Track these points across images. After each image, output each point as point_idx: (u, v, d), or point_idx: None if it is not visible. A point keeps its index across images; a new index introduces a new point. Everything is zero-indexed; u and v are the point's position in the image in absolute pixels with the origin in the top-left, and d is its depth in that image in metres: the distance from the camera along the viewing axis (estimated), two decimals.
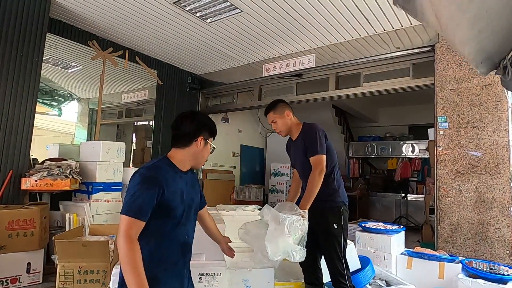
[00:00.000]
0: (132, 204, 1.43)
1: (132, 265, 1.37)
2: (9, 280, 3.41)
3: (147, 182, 1.47)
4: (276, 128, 2.59)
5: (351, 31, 4.84)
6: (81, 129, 7.63)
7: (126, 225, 1.42)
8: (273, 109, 2.59)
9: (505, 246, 3.70)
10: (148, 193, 1.45)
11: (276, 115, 2.58)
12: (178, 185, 1.58)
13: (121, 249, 1.39)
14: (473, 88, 4.04)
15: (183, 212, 1.59)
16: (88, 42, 5.11)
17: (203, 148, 1.67)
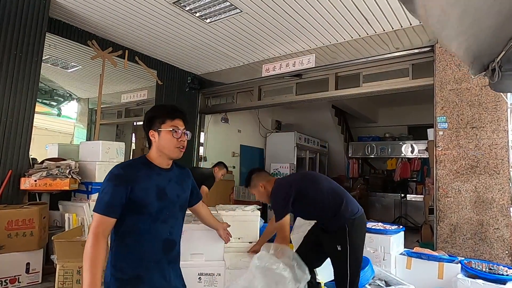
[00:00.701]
0: (100, 201, 1.49)
1: (90, 263, 1.41)
2: (8, 280, 3.41)
3: (114, 179, 1.51)
4: (258, 198, 2.79)
5: (350, 31, 4.84)
6: (80, 129, 7.63)
7: (95, 221, 1.47)
8: (249, 185, 2.76)
9: (504, 246, 3.71)
10: (115, 190, 1.49)
11: (252, 189, 2.74)
12: (153, 182, 1.57)
13: (86, 245, 1.44)
14: (472, 89, 4.05)
15: (161, 209, 1.57)
16: (87, 42, 5.10)
17: (160, 138, 1.61)
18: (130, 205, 1.50)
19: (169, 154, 1.63)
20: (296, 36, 5.09)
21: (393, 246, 3.91)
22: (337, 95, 5.59)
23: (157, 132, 1.61)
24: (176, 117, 1.66)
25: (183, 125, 1.68)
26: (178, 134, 1.62)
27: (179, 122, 1.65)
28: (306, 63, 5.57)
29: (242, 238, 3.60)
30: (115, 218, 1.50)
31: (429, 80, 4.51)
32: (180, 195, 1.68)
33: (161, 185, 1.59)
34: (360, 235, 2.45)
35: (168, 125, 1.61)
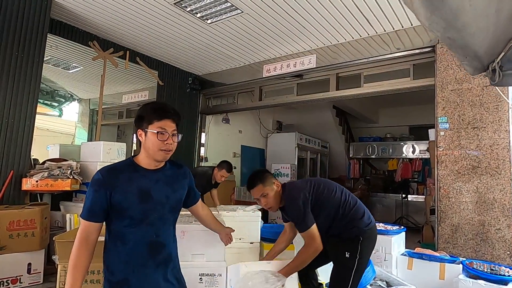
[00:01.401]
0: (84, 207, 1.51)
1: (72, 267, 1.44)
2: (9, 281, 3.41)
3: (94, 185, 1.51)
4: (267, 204, 2.25)
5: (351, 31, 4.84)
6: (81, 129, 7.63)
7: (80, 227, 1.50)
8: (263, 181, 2.24)
9: (506, 247, 3.70)
10: (95, 195, 1.49)
11: (267, 188, 2.23)
12: (135, 185, 1.52)
13: (72, 249, 1.47)
14: (473, 89, 4.04)
15: (145, 211, 1.53)
16: (89, 42, 5.12)
17: (146, 139, 1.55)
18: (112, 209, 1.50)
19: (154, 156, 1.56)
20: (297, 37, 5.09)
21: (394, 246, 3.91)
22: (338, 95, 5.59)
23: (144, 132, 1.55)
24: (164, 117, 1.55)
25: (173, 125, 1.57)
26: (164, 137, 1.53)
27: (167, 123, 1.55)
28: (307, 63, 5.57)
29: (243, 238, 3.60)
30: (99, 223, 1.50)
31: (430, 81, 4.50)
32: (169, 196, 1.61)
33: (144, 187, 1.54)
34: (371, 246, 2.38)
35: (154, 126, 1.53)
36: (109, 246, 1.55)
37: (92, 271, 2.72)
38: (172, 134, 1.57)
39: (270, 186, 2.25)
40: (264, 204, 2.26)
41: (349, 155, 9.87)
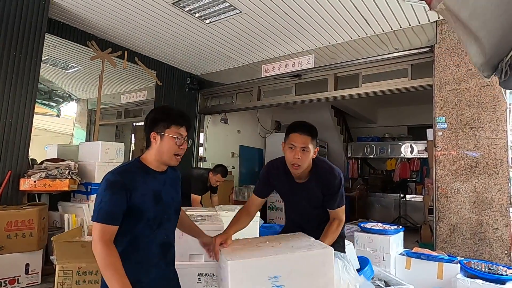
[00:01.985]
0: (101, 211, 1.44)
1: (112, 269, 1.38)
2: (7, 281, 3.40)
3: (112, 187, 1.46)
4: (300, 159, 1.84)
5: (350, 31, 4.85)
6: (80, 129, 7.62)
7: (99, 231, 1.43)
8: (313, 135, 1.90)
9: (504, 246, 3.71)
10: (115, 198, 1.45)
11: (313, 144, 1.88)
12: (150, 187, 1.54)
13: (98, 255, 1.40)
14: (471, 89, 4.06)
15: (158, 213, 1.55)
16: (87, 42, 5.10)
17: (161, 142, 1.56)
18: (129, 211, 1.48)
19: (167, 161, 1.60)
20: (295, 37, 5.10)
21: (392, 246, 3.92)
22: (336, 95, 5.60)
23: (160, 135, 1.57)
24: (183, 124, 1.62)
25: (186, 132, 1.64)
26: (180, 142, 1.59)
27: (183, 130, 1.62)
28: (306, 63, 5.58)
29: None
30: (117, 226, 1.47)
31: (428, 81, 4.52)
32: (174, 198, 1.68)
33: (157, 189, 1.57)
34: None
35: (172, 131, 1.57)
36: (117, 248, 1.49)
37: (91, 271, 2.72)
38: (185, 140, 1.64)
39: (314, 145, 1.90)
40: (298, 158, 1.84)
41: (347, 155, 9.88)
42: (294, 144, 1.86)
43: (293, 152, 1.86)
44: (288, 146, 1.91)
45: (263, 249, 1.43)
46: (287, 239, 1.58)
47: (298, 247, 1.44)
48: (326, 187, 1.96)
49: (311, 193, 1.99)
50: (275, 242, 1.55)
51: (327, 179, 1.96)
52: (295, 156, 1.85)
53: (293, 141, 1.87)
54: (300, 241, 1.53)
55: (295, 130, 1.90)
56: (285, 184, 2.04)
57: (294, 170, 1.89)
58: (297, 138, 1.87)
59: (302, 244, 1.49)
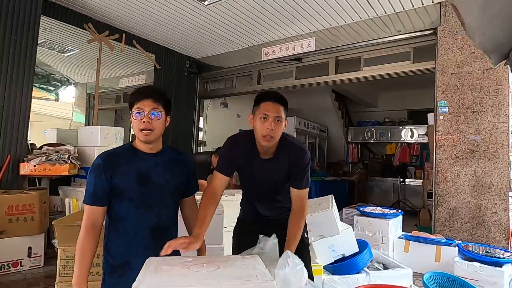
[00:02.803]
0: (86, 193, 1.52)
1: (79, 254, 1.46)
2: (10, 264, 3.45)
3: (94, 170, 1.52)
4: (273, 130, 1.68)
5: (351, 13, 4.75)
6: (79, 114, 7.58)
7: (85, 213, 1.51)
8: (285, 105, 1.78)
9: (502, 230, 3.75)
10: (96, 180, 1.50)
11: (284, 115, 1.76)
12: (134, 167, 1.54)
13: (78, 237, 1.48)
14: (474, 72, 4.00)
15: (144, 194, 1.54)
16: (84, 25, 5.01)
17: (131, 122, 1.57)
18: (113, 191, 1.52)
19: (139, 138, 1.57)
20: (296, 19, 5.00)
21: (391, 229, 3.96)
22: (337, 79, 5.54)
23: (130, 115, 1.57)
24: (142, 97, 1.53)
25: (153, 104, 1.53)
26: (139, 116, 1.52)
27: (144, 103, 1.52)
28: (306, 46, 5.49)
29: None
30: (103, 206, 1.52)
31: (430, 64, 4.46)
32: (169, 180, 1.60)
33: (143, 170, 1.55)
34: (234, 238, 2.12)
35: (135, 107, 1.54)
36: (109, 230, 1.57)
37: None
38: (152, 113, 1.53)
39: (285, 117, 1.77)
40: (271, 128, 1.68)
41: (347, 139, 9.87)
42: (267, 114, 1.68)
43: (266, 122, 1.68)
44: (259, 116, 1.71)
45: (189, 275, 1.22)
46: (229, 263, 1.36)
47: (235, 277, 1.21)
48: (294, 163, 1.79)
49: (276, 170, 1.81)
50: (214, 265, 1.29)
51: (296, 154, 1.80)
52: (268, 126, 1.67)
53: (266, 110, 1.69)
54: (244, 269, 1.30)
55: (268, 98, 1.74)
56: (249, 160, 1.82)
57: (266, 143, 1.70)
58: (270, 107, 1.70)
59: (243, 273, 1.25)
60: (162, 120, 1.57)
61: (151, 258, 1.35)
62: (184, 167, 1.70)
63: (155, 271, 1.24)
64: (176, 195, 1.67)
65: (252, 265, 1.33)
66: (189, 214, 1.78)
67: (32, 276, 3.44)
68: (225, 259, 1.44)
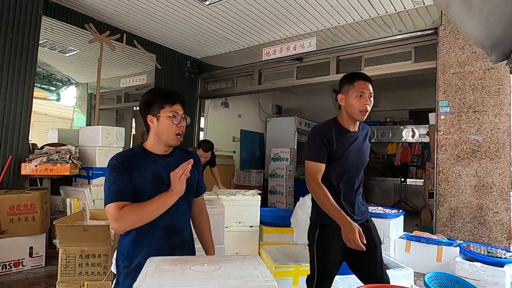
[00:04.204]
0: (111, 191, 1.45)
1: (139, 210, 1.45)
2: (12, 264, 3.46)
3: (116, 169, 1.49)
4: (368, 106, 1.93)
5: (352, 13, 4.74)
6: (80, 114, 7.58)
7: (113, 210, 1.43)
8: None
9: (503, 230, 3.74)
10: (120, 177, 1.47)
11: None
12: (149, 169, 1.54)
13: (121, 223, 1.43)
14: (475, 72, 4.00)
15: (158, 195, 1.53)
16: (85, 25, 5.01)
17: (158, 124, 1.55)
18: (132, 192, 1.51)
19: (167, 141, 1.57)
20: (297, 19, 5.00)
21: (392, 229, 3.95)
22: (338, 79, 5.50)
23: (156, 117, 1.56)
24: (176, 102, 1.59)
25: (182, 109, 1.60)
26: (177, 120, 1.56)
27: (178, 107, 1.58)
28: (307, 46, 5.49)
29: (243, 222, 3.63)
30: (130, 202, 1.47)
31: (431, 64, 4.45)
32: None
33: (157, 172, 1.55)
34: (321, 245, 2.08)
35: (167, 110, 1.55)
36: (124, 233, 1.55)
37: (93, 254, 2.75)
38: (183, 118, 1.60)
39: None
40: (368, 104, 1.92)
41: None
42: (363, 91, 1.91)
43: (362, 99, 1.90)
44: (355, 94, 1.92)
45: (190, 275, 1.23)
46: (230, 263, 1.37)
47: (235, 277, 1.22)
48: (367, 136, 2.10)
49: (363, 141, 2.05)
50: (214, 265, 1.30)
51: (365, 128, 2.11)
52: (365, 103, 1.90)
53: (362, 88, 1.91)
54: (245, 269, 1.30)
55: (361, 78, 1.95)
56: (342, 138, 1.98)
57: (362, 117, 1.93)
58: (365, 85, 1.92)
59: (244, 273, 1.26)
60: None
61: (152, 258, 1.36)
62: (194, 167, 1.68)
63: (156, 271, 1.25)
64: (188, 195, 1.66)
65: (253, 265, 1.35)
66: (198, 213, 1.80)
67: (34, 276, 3.45)
68: (226, 259, 1.44)
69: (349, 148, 1.98)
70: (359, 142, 2.02)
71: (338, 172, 1.98)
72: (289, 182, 7.59)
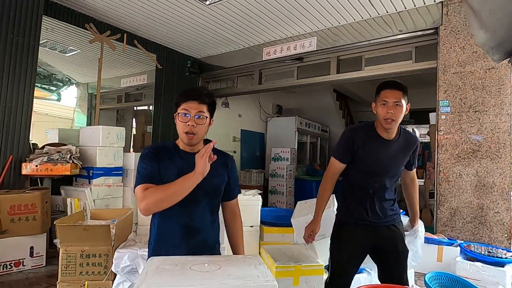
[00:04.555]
0: (139, 177, 1.53)
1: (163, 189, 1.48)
2: (12, 264, 3.46)
3: (146, 157, 1.56)
4: (393, 114, 1.89)
5: (353, 13, 4.74)
6: (80, 114, 7.59)
7: (139, 192, 1.48)
8: (404, 91, 1.94)
9: (504, 229, 3.73)
10: (150, 164, 1.53)
11: (405, 98, 1.94)
12: (175, 164, 1.56)
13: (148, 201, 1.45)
14: (476, 72, 3.99)
15: None
16: (85, 25, 5.01)
17: (176, 122, 1.58)
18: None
19: (181, 139, 1.59)
20: (297, 19, 4.99)
21: None
22: (338, 79, 5.53)
23: (176, 115, 1.58)
24: (189, 99, 1.54)
25: (199, 107, 1.54)
26: (185, 118, 1.53)
27: (191, 105, 1.53)
28: (308, 46, 5.49)
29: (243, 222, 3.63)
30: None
31: (432, 63, 4.44)
32: (205, 181, 1.54)
33: (182, 168, 1.54)
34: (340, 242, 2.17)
35: (180, 108, 1.55)
36: (150, 225, 1.62)
37: (94, 254, 2.75)
38: (197, 116, 1.54)
39: (406, 101, 1.96)
40: (391, 112, 1.89)
41: None
42: (387, 100, 1.91)
43: (385, 107, 1.91)
44: (380, 103, 1.95)
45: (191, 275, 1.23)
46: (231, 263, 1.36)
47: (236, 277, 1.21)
48: (411, 146, 2.06)
49: (398, 149, 2.02)
50: (215, 265, 1.30)
51: (413, 139, 2.08)
52: (388, 111, 1.90)
53: (385, 97, 1.92)
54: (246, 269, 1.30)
55: (386, 87, 1.95)
56: (372, 142, 2.00)
57: (388, 125, 1.92)
58: (388, 94, 1.92)
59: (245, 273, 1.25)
60: (207, 124, 1.60)
61: (153, 258, 1.37)
62: (222, 169, 1.67)
63: (156, 270, 1.25)
64: (212, 196, 1.63)
65: (253, 265, 1.35)
66: (229, 218, 1.78)
67: (34, 275, 3.45)
68: (227, 258, 1.45)
69: (376, 153, 2.00)
70: (393, 149, 2.01)
71: (360, 174, 2.04)
72: (289, 182, 7.59)
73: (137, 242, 2.89)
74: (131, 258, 2.63)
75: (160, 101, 6.42)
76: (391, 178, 2.06)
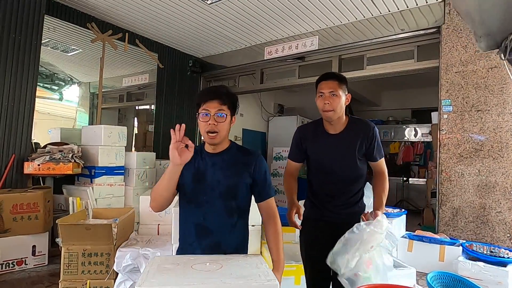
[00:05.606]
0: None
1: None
2: (15, 262, 3.48)
3: None
4: (330, 104, 1.87)
5: (355, 12, 4.73)
6: (82, 113, 7.61)
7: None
8: (340, 80, 1.94)
9: (506, 229, 3.72)
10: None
11: (342, 88, 1.92)
12: (195, 165, 1.58)
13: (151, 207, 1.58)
14: (478, 71, 3.98)
15: (195, 191, 1.55)
16: (87, 24, 5.02)
17: (199, 123, 1.58)
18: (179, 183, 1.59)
19: (204, 139, 1.59)
20: (299, 18, 4.99)
21: (395, 229, 3.94)
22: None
23: (197, 116, 1.58)
24: (209, 98, 1.53)
25: (218, 106, 1.53)
26: (205, 118, 1.52)
27: (210, 104, 1.52)
28: (309, 45, 5.48)
29: None
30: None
31: (434, 63, 4.43)
32: (221, 181, 1.55)
33: (201, 168, 1.58)
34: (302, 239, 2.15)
35: (200, 108, 1.55)
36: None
37: (96, 253, 2.76)
38: (218, 114, 1.53)
39: (343, 91, 1.93)
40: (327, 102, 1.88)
41: None
42: (323, 91, 1.91)
43: (322, 99, 1.91)
44: (318, 96, 1.95)
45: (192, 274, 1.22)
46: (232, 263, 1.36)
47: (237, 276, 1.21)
48: (364, 136, 1.98)
49: (347, 143, 1.97)
50: (216, 264, 1.31)
51: (364, 128, 2.01)
52: (324, 102, 1.89)
53: (321, 89, 1.93)
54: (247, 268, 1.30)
55: (322, 79, 1.96)
56: (318, 138, 2.00)
57: (327, 115, 1.91)
58: (323, 85, 1.92)
59: (246, 272, 1.25)
60: (228, 122, 1.58)
61: (155, 257, 1.38)
62: (242, 169, 1.60)
63: (158, 269, 1.25)
64: (228, 198, 1.57)
65: (254, 264, 1.35)
66: (264, 220, 1.74)
67: (37, 274, 3.46)
68: (228, 258, 1.45)
69: (323, 148, 1.99)
70: (341, 143, 1.96)
71: (316, 170, 2.06)
72: None
73: (139, 241, 2.90)
74: (133, 257, 2.64)
75: (161, 101, 6.43)
76: (350, 173, 1.98)
